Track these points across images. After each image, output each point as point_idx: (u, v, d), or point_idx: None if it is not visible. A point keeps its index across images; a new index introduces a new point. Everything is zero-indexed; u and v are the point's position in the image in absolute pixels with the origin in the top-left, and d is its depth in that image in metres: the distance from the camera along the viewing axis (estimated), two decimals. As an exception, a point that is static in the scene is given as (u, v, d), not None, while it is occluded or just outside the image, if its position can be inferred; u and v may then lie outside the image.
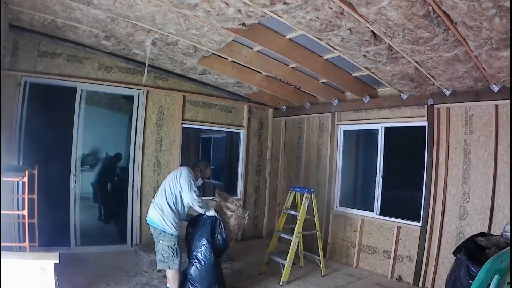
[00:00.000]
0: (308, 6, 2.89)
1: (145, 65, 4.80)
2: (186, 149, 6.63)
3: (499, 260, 1.39)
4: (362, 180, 6.16)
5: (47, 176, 4.55)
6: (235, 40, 4.18)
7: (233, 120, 6.72)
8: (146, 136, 5.72)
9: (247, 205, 6.86)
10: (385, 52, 3.59)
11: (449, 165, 4.43)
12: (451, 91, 4.36)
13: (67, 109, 5.18)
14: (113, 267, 4.63)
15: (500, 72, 3.56)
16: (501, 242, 3.23)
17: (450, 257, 3.83)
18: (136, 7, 3.49)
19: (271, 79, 5.58)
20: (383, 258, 5.05)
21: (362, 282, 4.73)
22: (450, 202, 4.41)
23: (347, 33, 3.27)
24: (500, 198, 3.94)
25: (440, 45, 3.15)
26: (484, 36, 2.86)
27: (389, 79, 4.41)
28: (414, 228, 4.70)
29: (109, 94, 5.96)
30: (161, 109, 5.87)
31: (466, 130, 4.31)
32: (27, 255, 3.28)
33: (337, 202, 5.83)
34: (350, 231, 5.52)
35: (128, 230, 5.59)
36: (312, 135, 6.37)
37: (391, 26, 2.96)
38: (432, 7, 2.60)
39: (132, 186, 5.64)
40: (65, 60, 5.10)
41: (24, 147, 4.79)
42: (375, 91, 5.37)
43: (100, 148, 7.41)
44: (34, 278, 2.77)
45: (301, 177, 6.46)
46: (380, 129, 5.30)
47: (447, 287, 3.24)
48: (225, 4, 3.13)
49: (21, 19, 4.32)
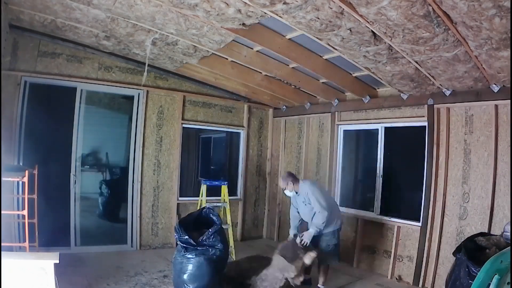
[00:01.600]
0: (308, 6, 2.89)
1: (145, 65, 4.80)
2: (186, 149, 6.62)
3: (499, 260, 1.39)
4: (362, 180, 6.15)
5: (47, 176, 4.55)
6: (235, 40, 4.18)
7: (233, 120, 6.72)
8: (146, 136, 5.72)
9: (247, 205, 6.86)
10: (385, 52, 3.59)
11: (449, 165, 4.43)
12: (451, 91, 4.36)
13: (67, 109, 5.19)
14: (113, 267, 4.62)
15: (500, 72, 3.56)
16: (501, 242, 3.24)
17: (450, 257, 3.83)
18: (136, 7, 3.48)
19: (271, 79, 5.58)
20: (383, 258, 5.05)
21: (362, 282, 4.73)
22: (450, 202, 4.40)
23: (347, 33, 3.27)
24: (500, 198, 3.94)
25: (440, 45, 3.15)
26: (484, 36, 2.86)
27: (389, 79, 4.41)
28: (414, 228, 4.70)
29: (109, 94, 5.96)
30: (161, 109, 5.87)
31: (466, 130, 4.31)
32: (27, 255, 3.28)
33: (337, 202, 5.80)
34: (350, 231, 5.52)
35: (128, 230, 5.60)
36: (312, 135, 6.37)
37: (391, 26, 2.96)
38: (432, 7, 2.60)
39: (132, 186, 5.64)
40: (65, 60, 5.10)
41: (24, 147, 4.80)
42: (375, 91, 5.37)
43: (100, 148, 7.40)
44: (34, 278, 2.77)
45: (301, 177, 6.44)
46: (380, 129, 5.30)
47: (447, 287, 3.25)
48: (225, 4, 3.13)
49: (21, 19, 4.32)
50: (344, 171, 5.89)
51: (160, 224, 5.80)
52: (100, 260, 4.84)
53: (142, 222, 5.64)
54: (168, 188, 5.91)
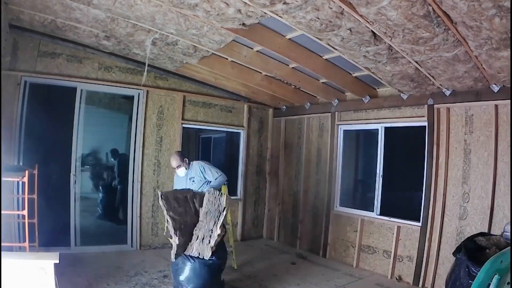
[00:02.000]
0: (308, 6, 2.89)
1: (145, 65, 4.80)
2: (186, 149, 6.64)
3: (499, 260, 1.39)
4: (362, 180, 6.16)
5: (47, 176, 4.56)
6: (235, 40, 4.18)
7: (233, 120, 6.72)
8: (146, 136, 5.72)
9: (247, 205, 6.86)
10: (385, 52, 3.59)
11: (449, 165, 4.43)
12: (451, 91, 4.36)
13: (67, 109, 5.18)
14: (113, 267, 4.62)
15: (500, 72, 3.56)
16: (501, 242, 3.23)
17: (450, 257, 3.83)
18: (136, 7, 3.48)
19: (271, 79, 5.58)
20: (383, 258, 5.05)
21: (362, 282, 4.73)
22: (450, 202, 4.40)
23: (347, 33, 3.27)
24: (500, 198, 3.94)
25: (440, 45, 3.15)
26: (484, 36, 2.86)
27: (389, 79, 4.41)
28: (414, 228, 4.70)
29: (109, 94, 5.97)
30: (161, 109, 5.87)
31: (466, 130, 4.31)
32: (27, 255, 3.28)
33: (337, 202, 5.82)
34: (350, 231, 5.52)
35: (128, 230, 5.60)
36: (312, 135, 6.37)
37: (391, 26, 2.96)
38: (432, 7, 2.60)
39: (132, 186, 5.64)
40: (65, 60, 5.10)
41: (24, 147, 4.79)
42: (375, 91, 5.37)
43: (100, 148, 7.41)
44: (34, 278, 2.77)
45: (301, 177, 6.46)
46: (380, 129, 5.30)
47: (447, 287, 3.24)
48: (225, 4, 3.13)
49: (21, 19, 4.32)
50: (344, 171, 5.89)
51: (160, 224, 5.80)
52: (100, 260, 4.84)
53: (142, 222, 5.64)
54: (168, 188, 5.90)
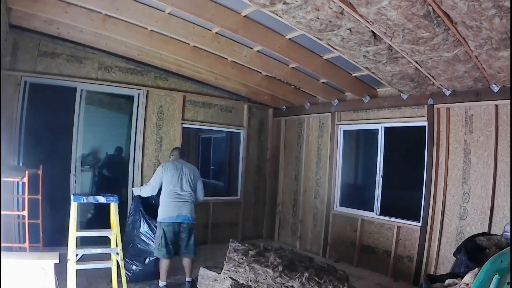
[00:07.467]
0: (308, 6, 2.89)
1: (145, 64, 4.79)
2: (186, 149, 6.62)
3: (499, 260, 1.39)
4: (362, 180, 6.16)
5: (47, 176, 4.54)
6: (235, 40, 4.19)
7: (233, 120, 6.72)
8: (146, 136, 5.72)
9: (247, 205, 6.86)
10: (385, 52, 3.59)
11: (449, 165, 4.43)
12: (451, 91, 4.36)
13: (67, 109, 5.18)
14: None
15: (500, 72, 3.56)
16: (501, 242, 3.24)
17: (450, 257, 3.84)
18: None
19: (271, 79, 5.58)
20: (383, 258, 5.06)
21: (362, 282, 4.72)
22: (450, 202, 4.41)
23: (347, 33, 3.27)
24: (500, 198, 3.94)
25: (440, 45, 3.15)
26: (484, 36, 2.86)
27: (389, 79, 4.41)
28: (414, 228, 4.70)
29: (109, 94, 5.96)
30: (161, 109, 5.87)
31: (466, 130, 4.31)
32: (27, 255, 3.29)
33: (337, 202, 5.83)
34: (350, 231, 5.52)
35: (128, 230, 5.59)
36: (312, 135, 6.37)
37: (391, 26, 2.96)
38: (432, 7, 2.60)
39: (132, 186, 5.63)
40: (65, 60, 5.09)
41: (24, 147, 4.79)
42: (375, 91, 5.37)
43: (100, 148, 7.40)
44: (34, 278, 2.78)
45: (301, 177, 6.46)
46: (380, 129, 5.30)
47: (447, 287, 3.24)
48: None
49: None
50: (344, 171, 5.89)
51: (160, 224, 5.80)
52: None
53: (142, 222, 5.63)
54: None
